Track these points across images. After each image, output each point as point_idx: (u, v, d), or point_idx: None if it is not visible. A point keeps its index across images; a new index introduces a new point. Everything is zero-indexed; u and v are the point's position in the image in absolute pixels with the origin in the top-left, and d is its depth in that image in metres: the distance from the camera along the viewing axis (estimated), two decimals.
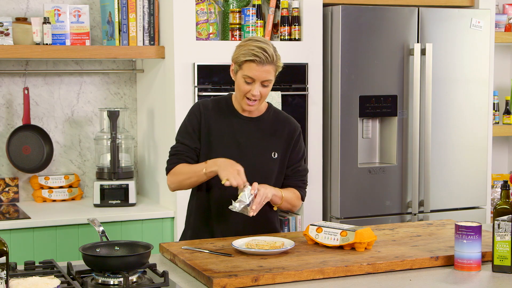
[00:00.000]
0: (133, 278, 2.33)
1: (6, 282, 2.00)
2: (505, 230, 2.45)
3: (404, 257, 2.54)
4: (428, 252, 2.61)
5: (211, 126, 2.92)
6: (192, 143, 2.92)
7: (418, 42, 4.25)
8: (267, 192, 2.77)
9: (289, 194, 2.95)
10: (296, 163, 3.02)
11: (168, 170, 2.95)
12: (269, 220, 3.02)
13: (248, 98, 2.84)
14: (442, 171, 4.37)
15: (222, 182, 2.71)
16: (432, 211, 4.34)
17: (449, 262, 2.56)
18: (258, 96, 2.83)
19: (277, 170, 2.97)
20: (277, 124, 2.99)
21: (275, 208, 2.97)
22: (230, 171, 2.71)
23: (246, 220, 2.88)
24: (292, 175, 3.01)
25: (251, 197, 2.70)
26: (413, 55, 4.23)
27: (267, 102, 3.04)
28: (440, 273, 2.48)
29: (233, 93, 2.97)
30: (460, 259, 2.49)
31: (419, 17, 4.25)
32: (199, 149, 2.93)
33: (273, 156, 2.95)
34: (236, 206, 2.69)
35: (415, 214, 4.30)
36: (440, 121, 4.34)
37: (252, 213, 2.71)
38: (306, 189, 3.08)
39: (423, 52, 4.24)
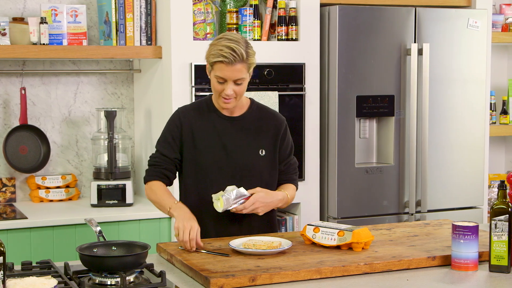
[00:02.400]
0: (130, 278, 2.33)
1: (3, 282, 1.99)
2: (502, 230, 2.45)
3: (401, 257, 2.54)
4: (425, 252, 2.62)
5: (194, 130, 2.90)
6: (172, 153, 2.91)
7: (415, 42, 4.25)
8: (266, 203, 2.79)
9: (291, 192, 3.00)
10: (287, 157, 3.02)
11: (145, 180, 2.95)
12: (268, 219, 3.01)
13: (223, 97, 2.82)
14: (439, 171, 4.37)
15: (175, 234, 2.70)
16: (429, 211, 4.34)
17: (446, 262, 2.56)
18: (232, 95, 2.81)
19: (268, 167, 2.95)
20: (261, 120, 2.97)
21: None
22: (185, 225, 2.66)
23: (241, 220, 2.88)
24: (285, 170, 3.02)
25: (238, 200, 2.68)
26: (410, 55, 4.23)
27: (249, 99, 3.01)
28: (437, 273, 2.48)
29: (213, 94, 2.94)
30: (457, 259, 2.49)
31: (416, 17, 4.26)
32: (179, 159, 2.92)
33: (260, 153, 2.93)
34: (218, 206, 2.69)
35: (412, 214, 4.30)
36: (437, 121, 4.34)
37: (234, 210, 2.74)
38: (298, 184, 3.11)
39: (420, 52, 4.24)
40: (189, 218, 2.71)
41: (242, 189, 2.75)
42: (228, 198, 2.71)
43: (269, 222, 3.03)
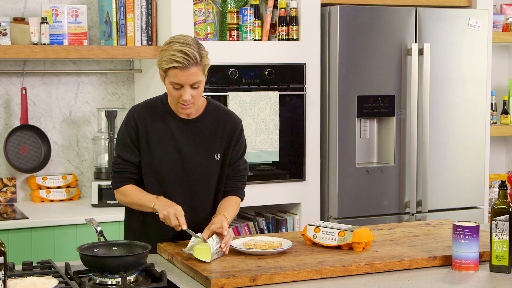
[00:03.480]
0: (131, 278, 2.33)
1: (4, 283, 1.99)
2: (503, 230, 2.45)
3: (402, 257, 2.54)
4: (426, 252, 2.62)
5: (149, 133, 2.82)
6: (133, 157, 2.83)
7: (416, 42, 4.25)
8: (230, 234, 2.72)
9: (231, 212, 2.85)
10: (237, 161, 2.92)
11: (114, 187, 2.89)
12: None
13: (182, 103, 2.73)
14: (440, 171, 4.37)
15: (160, 217, 2.67)
16: (430, 211, 4.34)
17: (447, 262, 2.56)
18: (190, 100, 2.71)
19: (220, 171, 2.88)
20: (217, 122, 2.87)
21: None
22: (168, 211, 2.65)
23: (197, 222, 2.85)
24: (233, 174, 2.92)
25: (217, 246, 2.60)
26: (411, 55, 4.23)
27: (206, 98, 2.91)
28: (438, 273, 2.48)
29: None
30: (458, 259, 2.49)
31: (417, 17, 4.26)
32: (140, 162, 2.84)
33: (216, 158, 2.86)
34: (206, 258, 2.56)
35: (413, 214, 4.30)
36: (438, 121, 4.34)
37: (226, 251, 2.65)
38: (245, 190, 2.98)
39: (420, 52, 4.24)
40: (170, 205, 2.68)
41: (214, 236, 2.64)
42: (213, 250, 2.57)
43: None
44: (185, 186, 2.83)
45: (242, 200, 2.97)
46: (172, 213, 2.65)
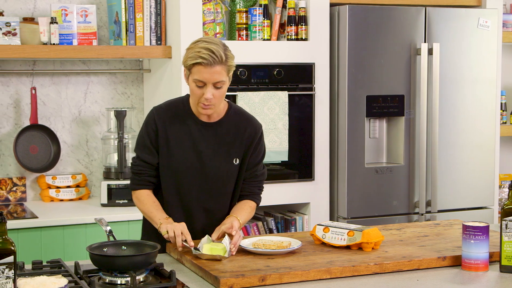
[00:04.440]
0: (140, 277, 2.34)
1: (14, 282, 2.00)
2: None
3: (411, 257, 2.53)
4: (435, 252, 2.61)
5: (169, 134, 2.82)
6: (152, 158, 2.83)
7: (425, 42, 4.24)
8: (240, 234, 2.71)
9: (244, 216, 2.84)
10: (255, 166, 2.91)
11: (132, 189, 2.90)
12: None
13: (203, 103, 2.71)
14: (449, 171, 4.36)
15: (163, 232, 2.67)
16: (439, 211, 4.33)
17: (457, 262, 2.55)
18: (212, 100, 2.69)
19: (237, 176, 2.88)
20: (238, 127, 2.86)
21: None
22: (173, 226, 2.65)
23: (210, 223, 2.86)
24: (250, 179, 2.91)
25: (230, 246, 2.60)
26: (420, 55, 4.22)
27: (227, 102, 2.90)
28: (447, 273, 2.48)
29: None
30: (468, 259, 2.49)
31: (426, 17, 4.25)
32: (159, 163, 2.85)
33: (235, 162, 2.85)
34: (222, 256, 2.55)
35: (422, 214, 4.29)
36: (448, 121, 4.33)
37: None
38: (261, 195, 2.98)
39: (430, 52, 4.23)
40: (176, 224, 2.68)
41: (226, 236, 2.64)
42: (228, 249, 2.58)
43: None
44: (202, 189, 2.83)
45: (257, 205, 2.95)
46: (174, 226, 2.64)
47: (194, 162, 2.81)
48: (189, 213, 2.86)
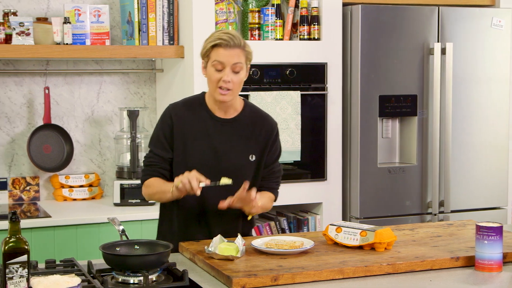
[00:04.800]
0: (153, 277, 2.34)
1: (28, 280, 2.01)
2: None
3: (424, 258, 2.53)
4: (448, 252, 2.60)
5: (185, 131, 2.84)
6: (165, 153, 2.86)
7: (438, 41, 4.23)
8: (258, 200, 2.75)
9: (264, 200, 2.87)
10: (272, 163, 2.94)
11: (142, 181, 2.92)
12: (251, 221, 2.99)
13: (220, 88, 2.75)
14: (462, 171, 4.34)
15: (175, 184, 2.66)
16: (452, 211, 4.31)
17: (470, 262, 2.54)
18: (230, 85, 2.74)
19: (254, 173, 2.90)
20: (254, 124, 2.89)
21: (249, 218, 2.89)
22: (184, 176, 2.64)
23: (226, 221, 2.87)
24: (267, 176, 2.94)
25: (243, 248, 2.60)
26: (433, 54, 4.21)
27: (243, 99, 2.94)
28: (460, 273, 2.47)
29: (206, 91, 2.90)
30: (481, 259, 2.47)
31: (439, 16, 4.23)
32: (171, 158, 2.86)
33: (250, 159, 2.87)
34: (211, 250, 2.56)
35: (435, 215, 4.28)
36: (461, 121, 4.32)
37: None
38: (279, 190, 3.01)
39: (443, 51, 4.22)
40: (186, 172, 2.67)
41: (239, 236, 2.64)
42: (240, 249, 2.59)
43: (251, 224, 3.02)
44: (218, 185, 2.83)
45: (275, 199, 2.99)
46: (191, 176, 2.62)
47: (210, 158, 2.82)
48: (204, 209, 2.87)
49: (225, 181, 2.69)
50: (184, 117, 2.86)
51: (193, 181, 2.62)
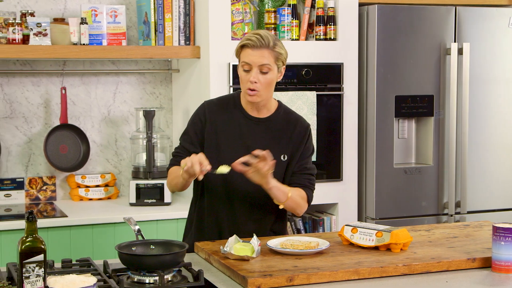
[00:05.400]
0: (168, 277, 2.34)
1: (44, 280, 2.02)
2: None
3: (440, 259, 2.51)
4: (465, 253, 2.59)
5: (218, 128, 2.88)
6: (192, 147, 2.88)
7: (455, 41, 4.21)
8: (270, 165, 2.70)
9: (295, 193, 2.85)
10: (304, 159, 2.93)
11: (167, 170, 2.97)
12: (281, 218, 2.98)
13: (249, 89, 2.78)
14: (479, 171, 4.32)
15: (182, 166, 2.67)
16: (469, 212, 4.29)
17: (487, 264, 2.53)
18: (257, 86, 2.76)
19: (285, 173, 2.91)
20: (287, 125, 2.91)
21: (281, 206, 2.84)
22: (191, 157, 2.65)
23: (256, 219, 2.88)
24: (298, 171, 2.92)
25: (258, 248, 2.59)
26: (450, 54, 4.19)
27: (278, 101, 2.97)
28: (477, 275, 2.45)
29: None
30: (498, 261, 2.46)
31: (456, 16, 4.21)
32: (197, 153, 2.84)
33: (282, 159, 2.88)
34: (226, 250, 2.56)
35: (451, 215, 4.26)
36: (478, 121, 4.29)
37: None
38: (313, 194, 2.96)
39: (460, 51, 4.20)
40: (194, 155, 2.69)
41: (255, 236, 2.63)
42: (256, 249, 2.58)
43: (282, 221, 3.00)
44: (249, 184, 2.81)
45: (308, 199, 2.93)
46: (195, 160, 2.63)
47: (241, 156, 2.81)
48: (233, 206, 2.89)
49: (222, 169, 2.68)
50: (218, 114, 2.89)
51: (196, 165, 2.62)
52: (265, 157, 2.67)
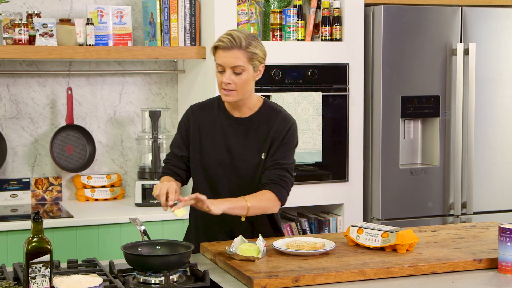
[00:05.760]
0: (174, 277, 2.35)
1: (50, 280, 2.02)
2: None
3: (446, 259, 2.51)
4: (471, 254, 2.58)
5: (201, 130, 2.89)
6: (179, 151, 2.92)
7: (461, 42, 4.20)
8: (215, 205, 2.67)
9: (255, 200, 2.73)
10: (279, 154, 2.82)
11: (159, 179, 2.99)
12: (273, 223, 2.96)
13: (224, 89, 2.76)
14: (485, 172, 4.31)
15: (153, 192, 2.71)
16: (475, 213, 4.28)
17: (493, 265, 2.52)
18: (232, 86, 2.74)
19: (262, 169, 2.85)
20: (267, 122, 2.85)
21: (242, 219, 2.77)
22: (161, 185, 2.68)
23: (249, 223, 2.87)
24: (270, 166, 2.81)
25: (264, 248, 2.58)
26: (456, 55, 4.18)
27: (263, 99, 2.92)
28: (483, 276, 2.45)
29: None
30: (504, 262, 2.45)
31: (462, 17, 4.21)
32: (185, 157, 2.91)
33: (263, 157, 2.85)
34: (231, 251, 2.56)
35: (457, 216, 4.25)
36: (484, 122, 4.28)
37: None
38: (288, 189, 2.82)
39: (466, 52, 4.19)
40: (165, 183, 2.70)
41: (260, 237, 2.62)
42: (262, 249, 2.57)
43: (274, 226, 2.98)
44: (233, 184, 2.85)
45: (279, 197, 2.79)
46: (162, 192, 2.65)
47: (225, 157, 2.85)
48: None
49: (179, 212, 2.65)
50: (201, 117, 2.90)
51: (162, 197, 2.66)
52: (198, 199, 2.65)
